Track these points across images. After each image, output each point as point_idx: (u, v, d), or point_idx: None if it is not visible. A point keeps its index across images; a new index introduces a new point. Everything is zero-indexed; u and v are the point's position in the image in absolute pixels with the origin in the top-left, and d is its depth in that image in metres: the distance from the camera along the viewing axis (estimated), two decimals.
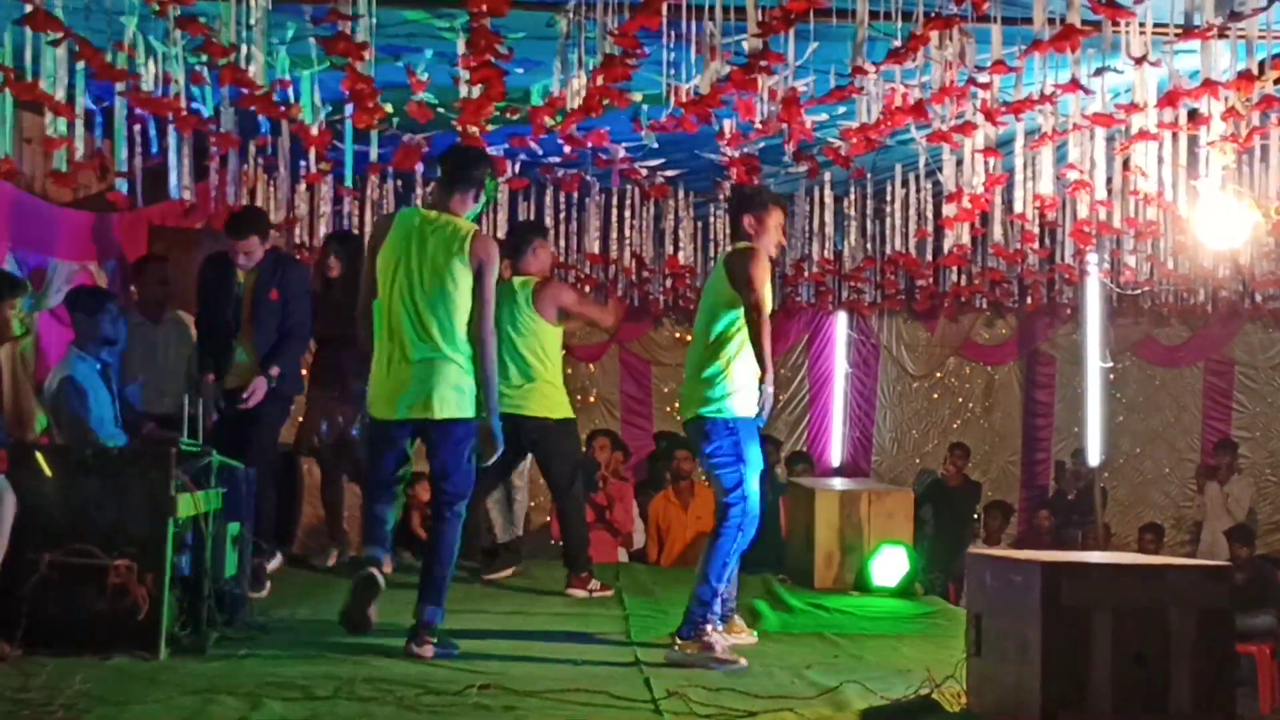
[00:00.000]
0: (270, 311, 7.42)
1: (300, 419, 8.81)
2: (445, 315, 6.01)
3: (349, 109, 7.57)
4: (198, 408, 6.44)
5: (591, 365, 13.77)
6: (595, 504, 10.08)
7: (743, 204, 6.50)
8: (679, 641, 6.19)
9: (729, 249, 6.49)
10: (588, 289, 8.13)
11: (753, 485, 6.29)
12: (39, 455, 5.89)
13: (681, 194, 11.37)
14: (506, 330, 7.63)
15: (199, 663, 5.73)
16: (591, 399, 13.71)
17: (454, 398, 6.03)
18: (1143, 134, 7.39)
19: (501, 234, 10.03)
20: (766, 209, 6.42)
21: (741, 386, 6.22)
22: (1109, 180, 8.56)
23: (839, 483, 10.06)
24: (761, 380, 6.11)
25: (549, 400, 7.82)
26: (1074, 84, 6.82)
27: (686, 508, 10.30)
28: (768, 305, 6.22)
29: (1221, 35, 6.50)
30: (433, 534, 6.21)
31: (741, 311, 6.16)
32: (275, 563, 7.91)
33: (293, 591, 7.68)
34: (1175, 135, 7.64)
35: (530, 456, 8.19)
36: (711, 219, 11.84)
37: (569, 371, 12.68)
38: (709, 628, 6.18)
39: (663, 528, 10.40)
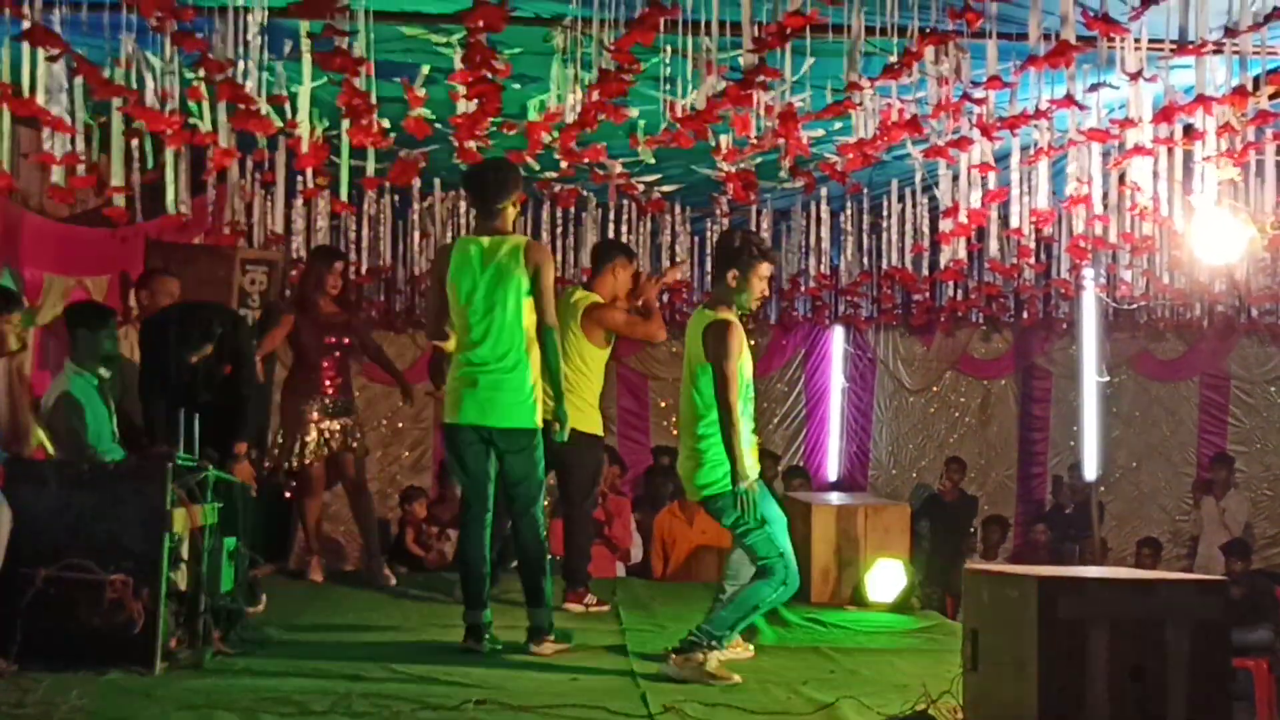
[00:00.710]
0: (226, 382, 7.39)
1: (279, 438, 8.61)
2: (511, 329, 6.41)
3: (345, 124, 7.57)
4: (193, 422, 6.42)
5: None
6: (594, 520, 10.07)
7: (729, 257, 6.24)
8: (674, 657, 6.12)
9: (704, 314, 6.23)
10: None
11: (785, 541, 6.19)
12: (40, 431, 5.91)
13: (678, 209, 11.39)
14: None
15: (195, 678, 5.72)
16: None
17: (520, 408, 6.47)
18: (1138, 149, 7.40)
19: None
20: (753, 266, 6.20)
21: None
22: (1105, 195, 8.57)
23: (835, 497, 10.03)
24: (735, 482, 6.04)
25: (579, 414, 7.70)
26: (1069, 99, 6.84)
27: (691, 522, 10.28)
28: (739, 377, 6.09)
29: (1216, 51, 6.52)
30: (516, 542, 6.69)
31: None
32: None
33: (289, 606, 7.66)
34: (1171, 150, 7.65)
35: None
36: (708, 233, 11.86)
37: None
38: (703, 653, 6.05)
39: (667, 542, 10.38)
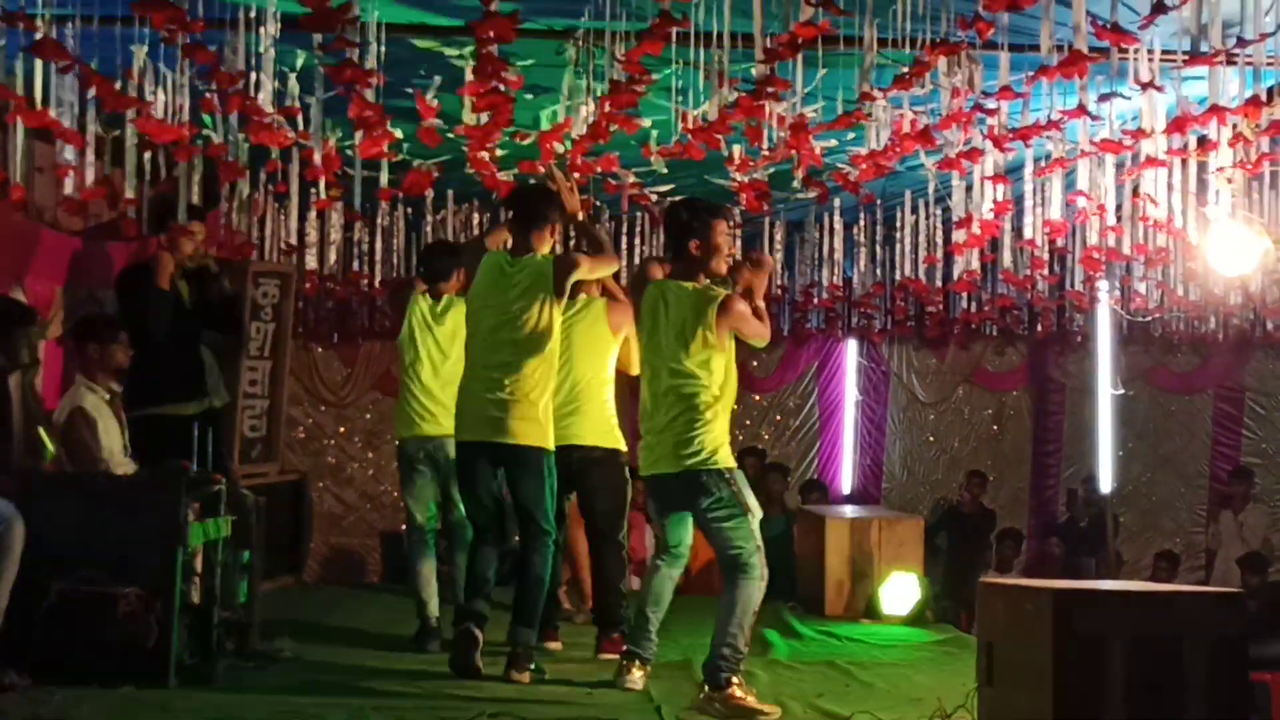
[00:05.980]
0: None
1: None
2: (527, 354, 6.16)
3: (358, 136, 7.57)
4: (207, 436, 6.41)
5: None
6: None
7: (683, 231, 5.87)
8: (706, 695, 5.62)
9: (684, 287, 5.86)
10: None
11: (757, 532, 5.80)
12: (41, 432, 5.93)
13: None
14: None
15: (208, 691, 5.71)
16: None
17: (532, 429, 6.18)
18: (1151, 160, 7.38)
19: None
20: (710, 225, 5.86)
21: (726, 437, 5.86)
22: (1118, 207, 8.54)
23: (849, 510, 10.01)
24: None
25: (596, 426, 7.12)
26: (1081, 110, 6.82)
27: None
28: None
29: (1229, 61, 6.49)
30: (524, 564, 6.28)
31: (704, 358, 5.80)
32: None
33: (303, 620, 7.65)
34: (1184, 161, 7.63)
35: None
36: None
37: None
38: (736, 679, 5.62)
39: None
